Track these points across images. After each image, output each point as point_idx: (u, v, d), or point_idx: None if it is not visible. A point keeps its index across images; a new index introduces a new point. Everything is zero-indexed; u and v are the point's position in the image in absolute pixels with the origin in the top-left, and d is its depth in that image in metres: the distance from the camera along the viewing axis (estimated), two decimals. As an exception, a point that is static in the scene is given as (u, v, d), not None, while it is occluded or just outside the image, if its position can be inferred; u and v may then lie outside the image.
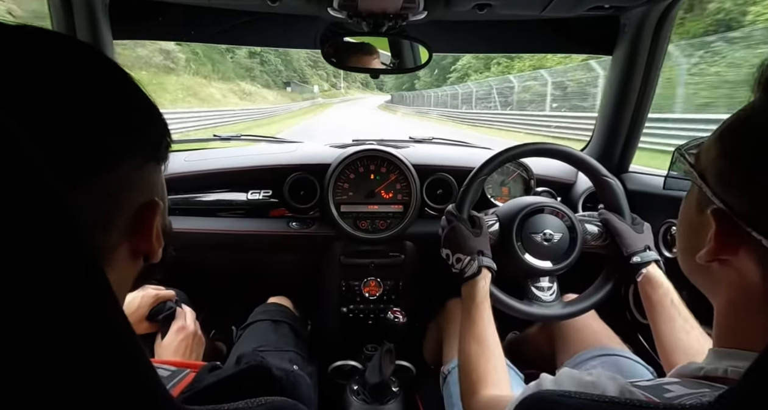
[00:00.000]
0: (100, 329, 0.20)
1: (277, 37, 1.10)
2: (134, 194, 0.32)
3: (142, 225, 0.33)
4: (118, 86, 0.31)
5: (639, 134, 1.14)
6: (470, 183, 0.86)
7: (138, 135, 0.32)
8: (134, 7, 0.98)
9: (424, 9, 0.87)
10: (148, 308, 0.78)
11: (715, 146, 0.36)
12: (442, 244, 0.84)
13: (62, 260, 0.18)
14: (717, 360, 0.36)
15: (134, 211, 0.32)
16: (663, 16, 0.98)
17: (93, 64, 0.30)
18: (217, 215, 1.12)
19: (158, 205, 0.34)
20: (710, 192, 0.35)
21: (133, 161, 0.31)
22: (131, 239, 0.32)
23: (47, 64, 0.27)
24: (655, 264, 0.77)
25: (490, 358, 0.66)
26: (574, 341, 0.88)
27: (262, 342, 0.90)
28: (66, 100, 0.26)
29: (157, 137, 0.35)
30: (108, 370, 0.20)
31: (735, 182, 0.33)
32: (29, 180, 0.18)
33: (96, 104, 0.28)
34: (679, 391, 0.33)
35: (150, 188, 0.34)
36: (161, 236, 0.35)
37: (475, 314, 0.71)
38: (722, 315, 0.38)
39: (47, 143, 0.24)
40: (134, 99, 0.32)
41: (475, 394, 0.62)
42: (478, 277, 0.75)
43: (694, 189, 0.39)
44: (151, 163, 0.34)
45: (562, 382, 0.39)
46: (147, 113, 0.34)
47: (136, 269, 0.35)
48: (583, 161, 0.88)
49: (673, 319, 0.68)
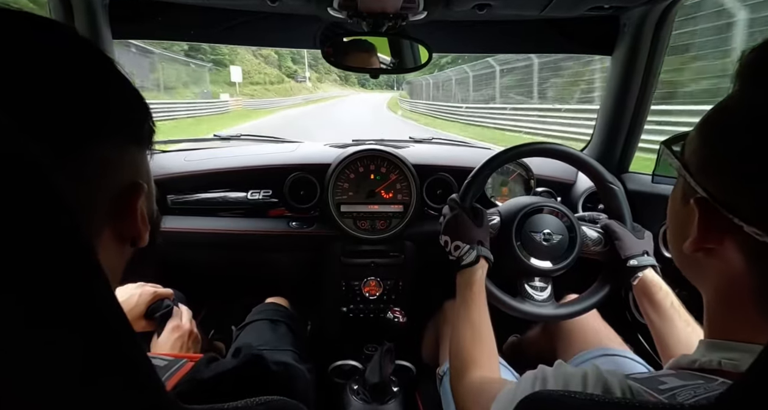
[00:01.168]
0: (95, 318, 0.20)
1: (277, 37, 1.10)
2: (115, 176, 0.31)
3: (125, 208, 0.32)
4: (96, 68, 0.31)
5: (639, 134, 1.14)
6: (476, 175, 0.87)
7: (116, 116, 0.32)
8: (134, 7, 0.98)
9: (424, 9, 0.87)
10: (145, 305, 0.78)
11: (697, 136, 0.37)
12: (442, 230, 0.84)
13: (55, 244, 0.18)
14: (710, 352, 0.36)
15: (117, 193, 0.32)
16: (663, 16, 0.98)
17: (71, 46, 0.30)
18: (217, 214, 1.12)
19: (142, 187, 0.33)
20: (693, 181, 0.36)
21: (112, 142, 0.31)
22: (115, 223, 0.32)
23: (19, 42, 0.26)
24: (652, 269, 0.77)
25: (483, 343, 0.66)
26: (574, 341, 0.88)
27: (260, 342, 0.90)
28: (39, 80, 0.26)
29: (137, 119, 0.34)
30: (102, 360, 0.20)
31: (715, 170, 0.35)
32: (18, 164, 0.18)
33: (72, 83, 0.28)
34: (674, 383, 0.34)
35: (133, 171, 0.33)
36: (146, 219, 0.35)
37: (470, 301, 0.72)
38: (711, 306, 0.39)
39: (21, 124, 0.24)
40: (113, 81, 0.32)
41: (464, 376, 0.62)
42: (476, 266, 0.75)
43: (679, 181, 0.40)
44: (132, 146, 0.33)
45: (561, 376, 0.39)
46: (126, 95, 0.33)
47: (124, 257, 0.35)
48: (589, 164, 0.88)
49: (674, 321, 0.68)
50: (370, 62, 0.97)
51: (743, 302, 0.35)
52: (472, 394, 0.58)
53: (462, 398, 0.61)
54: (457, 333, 0.69)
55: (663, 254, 0.94)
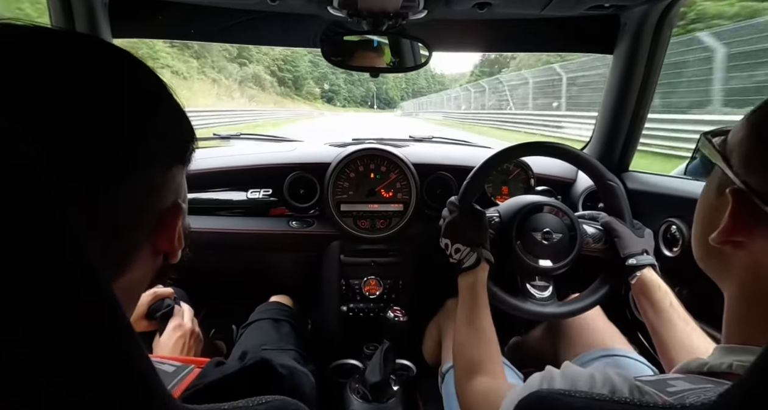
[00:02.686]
0: (99, 328, 0.20)
1: (277, 36, 1.10)
2: (160, 197, 0.32)
3: (165, 226, 0.33)
4: (150, 90, 0.31)
5: (639, 133, 1.14)
6: (474, 177, 0.86)
7: (167, 139, 0.32)
8: (134, 6, 0.98)
9: (424, 8, 0.87)
10: (146, 305, 0.78)
11: (743, 128, 0.37)
12: (442, 233, 0.84)
13: (54, 257, 0.18)
14: (723, 356, 0.36)
15: (159, 213, 0.32)
16: (663, 15, 0.97)
17: (126, 68, 0.30)
18: (216, 214, 1.12)
19: (181, 207, 0.35)
20: (731, 173, 0.35)
21: (161, 165, 0.31)
22: (155, 239, 0.33)
23: (79, 68, 0.27)
24: (651, 268, 0.77)
25: (487, 346, 0.66)
26: (577, 342, 0.88)
27: (264, 341, 0.90)
28: (97, 105, 0.26)
29: (184, 141, 0.35)
30: (106, 369, 0.20)
31: (760, 162, 0.34)
32: (20, 177, 0.17)
33: (129, 108, 0.29)
34: (682, 386, 0.33)
35: (175, 191, 0.34)
36: (182, 238, 0.36)
37: (472, 304, 0.72)
38: (733, 305, 0.38)
39: (77, 146, 0.25)
40: (165, 103, 0.33)
41: (469, 381, 0.62)
42: (477, 268, 0.75)
43: (715, 173, 0.40)
44: (177, 166, 0.34)
45: (568, 377, 0.39)
46: (176, 117, 0.34)
47: (155, 268, 0.36)
48: (588, 163, 0.87)
49: (673, 321, 0.68)
50: (370, 61, 0.97)
51: (767, 300, 0.34)
52: (477, 402, 0.58)
53: (468, 404, 0.61)
54: (460, 336, 0.69)
55: (663, 252, 0.94)
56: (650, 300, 0.72)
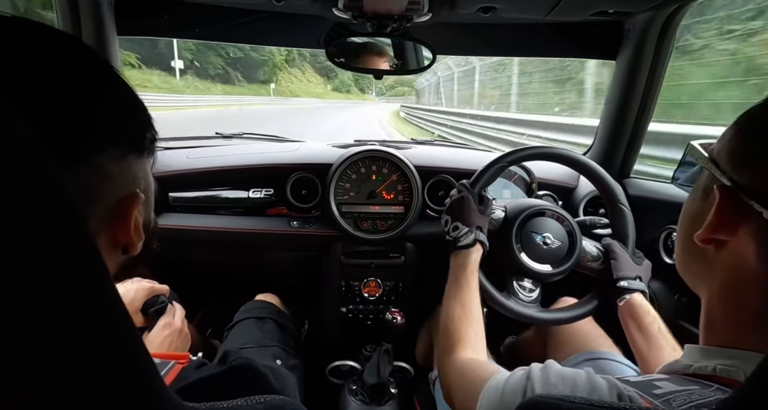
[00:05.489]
0: (99, 316, 0.20)
1: (282, 36, 1.10)
2: (113, 186, 0.32)
3: (120, 217, 0.33)
4: (98, 77, 0.31)
5: (641, 139, 1.14)
6: (491, 165, 0.88)
7: (117, 127, 0.32)
8: (139, 5, 0.98)
9: (429, 11, 0.88)
10: (142, 301, 0.79)
11: (730, 130, 0.38)
12: (446, 210, 0.85)
13: (60, 243, 0.18)
14: (705, 358, 0.36)
15: (114, 202, 0.32)
16: (667, 22, 0.98)
17: (74, 55, 0.30)
18: (216, 212, 1.12)
19: (138, 197, 0.34)
20: (719, 172, 0.36)
21: (111, 153, 0.31)
22: (110, 229, 0.32)
23: (17, 52, 0.26)
24: (641, 295, 0.78)
25: (472, 323, 0.67)
26: (565, 344, 0.89)
27: (246, 340, 0.90)
28: (42, 89, 0.26)
29: (138, 129, 0.34)
30: (107, 359, 0.20)
31: (746, 159, 0.35)
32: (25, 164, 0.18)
33: (74, 95, 0.28)
34: (668, 388, 0.34)
35: (131, 181, 0.34)
36: (141, 229, 0.35)
37: (463, 282, 0.72)
38: (713, 307, 0.38)
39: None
40: (114, 91, 0.32)
41: (451, 354, 0.62)
42: (472, 249, 0.77)
43: (702, 177, 0.40)
44: (133, 155, 0.34)
45: (550, 374, 0.40)
46: (128, 106, 0.33)
47: (116, 262, 0.35)
48: (605, 181, 0.89)
49: (662, 347, 0.68)
50: (374, 63, 0.98)
51: (749, 298, 0.34)
52: (457, 372, 0.59)
53: (447, 375, 0.61)
54: (447, 311, 0.69)
55: (664, 260, 0.94)
56: (638, 324, 0.73)
